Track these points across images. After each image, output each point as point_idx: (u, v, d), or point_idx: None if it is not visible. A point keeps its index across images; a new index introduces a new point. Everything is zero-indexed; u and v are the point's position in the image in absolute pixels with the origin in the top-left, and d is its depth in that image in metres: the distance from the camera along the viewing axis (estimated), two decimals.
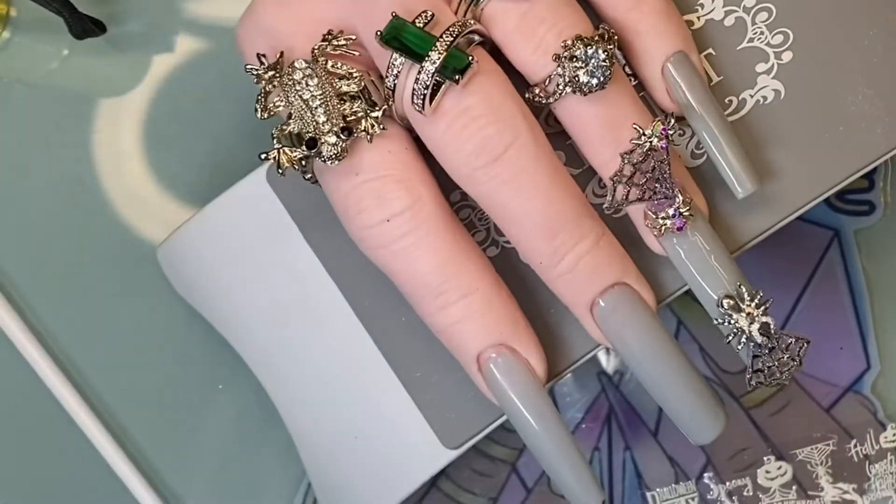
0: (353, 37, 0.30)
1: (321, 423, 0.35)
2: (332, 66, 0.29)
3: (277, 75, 0.29)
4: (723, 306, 0.30)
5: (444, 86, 0.28)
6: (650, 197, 0.29)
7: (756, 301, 0.30)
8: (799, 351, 0.30)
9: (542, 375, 0.31)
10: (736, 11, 0.32)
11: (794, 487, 0.41)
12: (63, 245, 0.39)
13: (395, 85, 0.29)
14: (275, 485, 0.40)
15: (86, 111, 0.39)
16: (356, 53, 0.30)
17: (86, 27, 0.37)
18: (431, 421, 0.33)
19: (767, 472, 0.41)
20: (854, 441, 0.41)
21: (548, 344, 0.32)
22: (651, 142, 0.29)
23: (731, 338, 0.30)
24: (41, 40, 0.39)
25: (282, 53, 0.29)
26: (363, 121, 0.29)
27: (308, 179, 0.30)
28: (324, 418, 0.35)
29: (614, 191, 0.29)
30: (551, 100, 0.29)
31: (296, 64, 0.29)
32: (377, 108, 0.29)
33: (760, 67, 0.32)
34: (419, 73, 0.28)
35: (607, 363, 0.41)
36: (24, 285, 0.39)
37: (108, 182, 0.39)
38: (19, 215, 0.39)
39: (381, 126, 0.29)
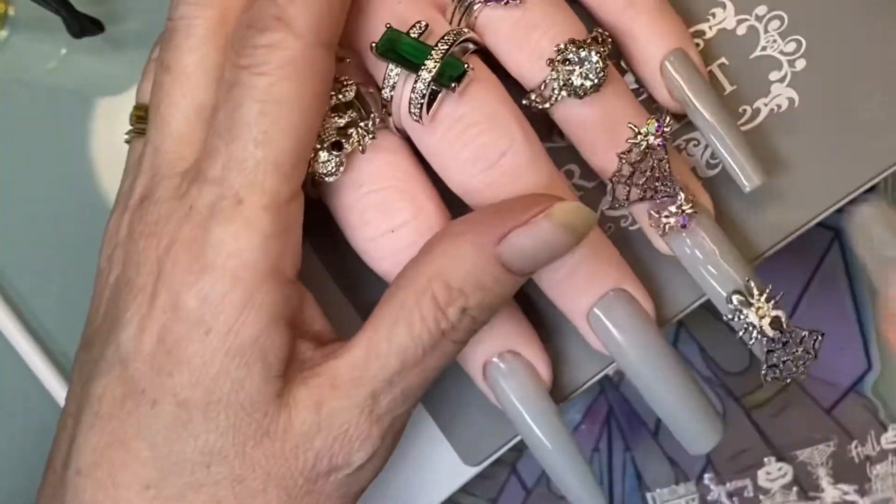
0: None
1: None
2: None
3: None
4: (732, 302, 0.30)
5: (440, 94, 0.28)
6: (651, 196, 0.29)
7: (766, 295, 0.30)
8: (814, 344, 0.30)
9: (548, 380, 0.31)
10: (748, 20, 0.32)
11: (794, 488, 0.41)
12: (62, 245, 0.39)
13: (391, 96, 0.29)
14: None
15: (84, 110, 0.39)
16: (348, 60, 0.30)
17: (84, 26, 0.36)
18: (451, 438, 0.33)
19: (768, 473, 0.41)
20: (855, 442, 0.41)
21: (565, 358, 0.32)
22: (647, 140, 0.29)
23: (742, 333, 0.30)
24: (39, 39, 0.39)
25: None
26: (354, 133, 0.29)
27: (309, 196, 0.30)
28: None
29: (614, 191, 0.29)
30: (548, 104, 0.29)
31: None
32: (370, 118, 0.29)
33: (774, 76, 0.32)
34: (415, 82, 0.28)
35: None
36: (23, 285, 0.38)
37: (107, 181, 0.39)
38: (17, 214, 0.39)
39: (372, 136, 0.29)
